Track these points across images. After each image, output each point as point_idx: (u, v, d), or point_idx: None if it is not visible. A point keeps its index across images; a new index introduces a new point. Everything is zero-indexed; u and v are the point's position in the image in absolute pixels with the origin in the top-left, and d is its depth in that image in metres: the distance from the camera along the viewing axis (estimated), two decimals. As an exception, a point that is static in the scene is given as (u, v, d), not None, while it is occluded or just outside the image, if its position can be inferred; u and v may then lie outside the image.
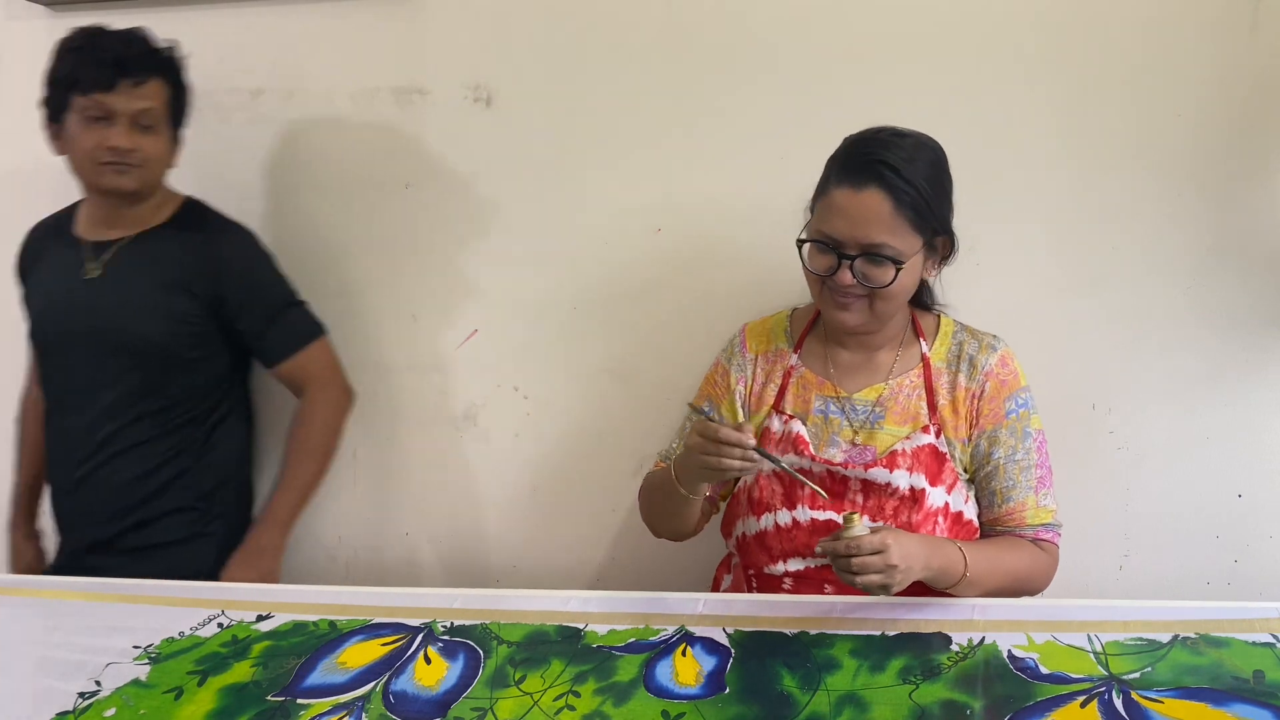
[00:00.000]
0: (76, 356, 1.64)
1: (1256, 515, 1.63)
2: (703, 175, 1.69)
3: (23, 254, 1.76)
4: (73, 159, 1.60)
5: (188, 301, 1.62)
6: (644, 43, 1.67)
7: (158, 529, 1.66)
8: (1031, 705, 1.08)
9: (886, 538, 1.16)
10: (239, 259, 1.68)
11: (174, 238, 1.65)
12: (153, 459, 1.65)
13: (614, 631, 1.27)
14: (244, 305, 1.66)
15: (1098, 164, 1.58)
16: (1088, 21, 1.54)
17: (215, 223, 1.70)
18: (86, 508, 1.66)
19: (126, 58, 1.55)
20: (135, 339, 1.61)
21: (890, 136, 1.29)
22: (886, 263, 1.27)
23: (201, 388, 1.68)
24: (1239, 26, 1.50)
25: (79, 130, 1.57)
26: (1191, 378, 1.61)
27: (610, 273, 1.74)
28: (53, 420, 1.71)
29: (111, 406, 1.63)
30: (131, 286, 1.62)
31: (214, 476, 1.71)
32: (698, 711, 1.11)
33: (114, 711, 1.17)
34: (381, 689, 1.18)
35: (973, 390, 1.36)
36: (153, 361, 1.62)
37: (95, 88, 1.53)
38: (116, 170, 1.57)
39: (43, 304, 1.69)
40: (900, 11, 1.59)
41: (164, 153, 1.62)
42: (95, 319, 1.62)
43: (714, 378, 1.48)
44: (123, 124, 1.56)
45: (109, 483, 1.64)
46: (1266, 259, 1.56)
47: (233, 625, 1.33)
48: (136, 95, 1.55)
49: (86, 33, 1.58)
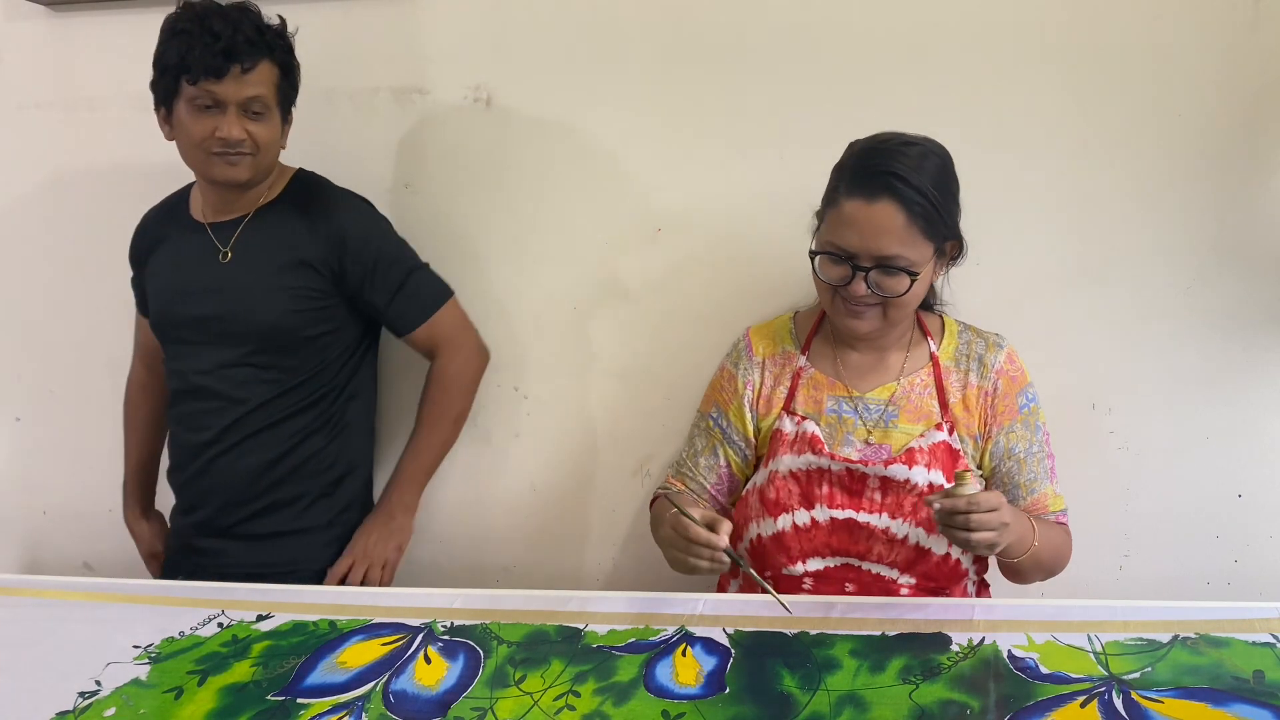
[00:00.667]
0: (206, 340, 1.61)
1: (1256, 515, 1.63)
2: (703, 175, 1.69)
3: (138, 242, 1.72)
4: (183, 147, 1.56)
5: (311, 277, 1.59)
6: (644, 43, 1.67)
7: (286, 515, 1.63)
8: (1031, 705, 1.08)
9: (998, 496, 1.20)
10: (358, 228, 1.63)
11: (290, 213, 1.61)
12: (283, 442, 1.62)
13: (614, 631, 1.27)
14: (368, 275, 1.61)
15: (1098, 164, 1.58)
16: (1088, 21, 1.54)
17: (331, 194, 1.66)
18: (212, 492, 1.63)
19: (235, 43, 1.48)
20: (261, 321, 1.58)
21: (899, 145, 1.29)
22: (900, 273, 1.27)
23: (331, 365, 1.64)
24: (1239, 26, 1.50)
25: (188, 118, 1.52)
26: (1191, 378, 1.61)
27: (610, 273, 1.74)
28: (180, 404, 1.66)
29: (240, 389, 1.60)
30: (256, 267, 1.59)
31: (345, 461, 1.69)
32: (698, 711, 1.11)
33: (114, 711, 1.17)
34: (381, 689, 1.18)
35: (985, 389, 1.38)
36: (280, 342, 1.59)
37: (204, 75, 1.48)
38: (228, 161, 1.53)
39: (173, 290, 1.64)
40: (901, 11, 1.59)
41: (275, 137, 1.57)
42: (225, 303, 1.59)
43: (720, 383, 1.48)
44: (233, 112, 1.51)
45: (235, 468, 1.61)
46: (1266, 259, 1.56)
47: (233, 625, 1.33)
48: (246, 82, 1.50)
49: (193, 13, 1.50)
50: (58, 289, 1.96)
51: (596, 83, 1.70)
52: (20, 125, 1.90)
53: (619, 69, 1.69)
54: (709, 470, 1.46)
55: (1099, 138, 1.57)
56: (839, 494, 1.35)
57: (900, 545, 1.34)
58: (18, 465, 2.05)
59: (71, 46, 1.86)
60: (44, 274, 1.96)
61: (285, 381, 1.61)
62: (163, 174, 1.85)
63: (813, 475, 1.36)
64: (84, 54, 1.85)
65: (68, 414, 2.00)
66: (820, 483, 1.36)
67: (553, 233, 1.76)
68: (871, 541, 1.34)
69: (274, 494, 1.62)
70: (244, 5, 1.53)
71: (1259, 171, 1.54)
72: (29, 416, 2.03)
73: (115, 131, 1.86)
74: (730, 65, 1.65)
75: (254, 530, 1.62)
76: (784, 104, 1.64)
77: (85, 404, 1.98)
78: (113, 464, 1.96)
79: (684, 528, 1.19)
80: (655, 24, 1.66)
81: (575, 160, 1.72)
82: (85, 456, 2.00)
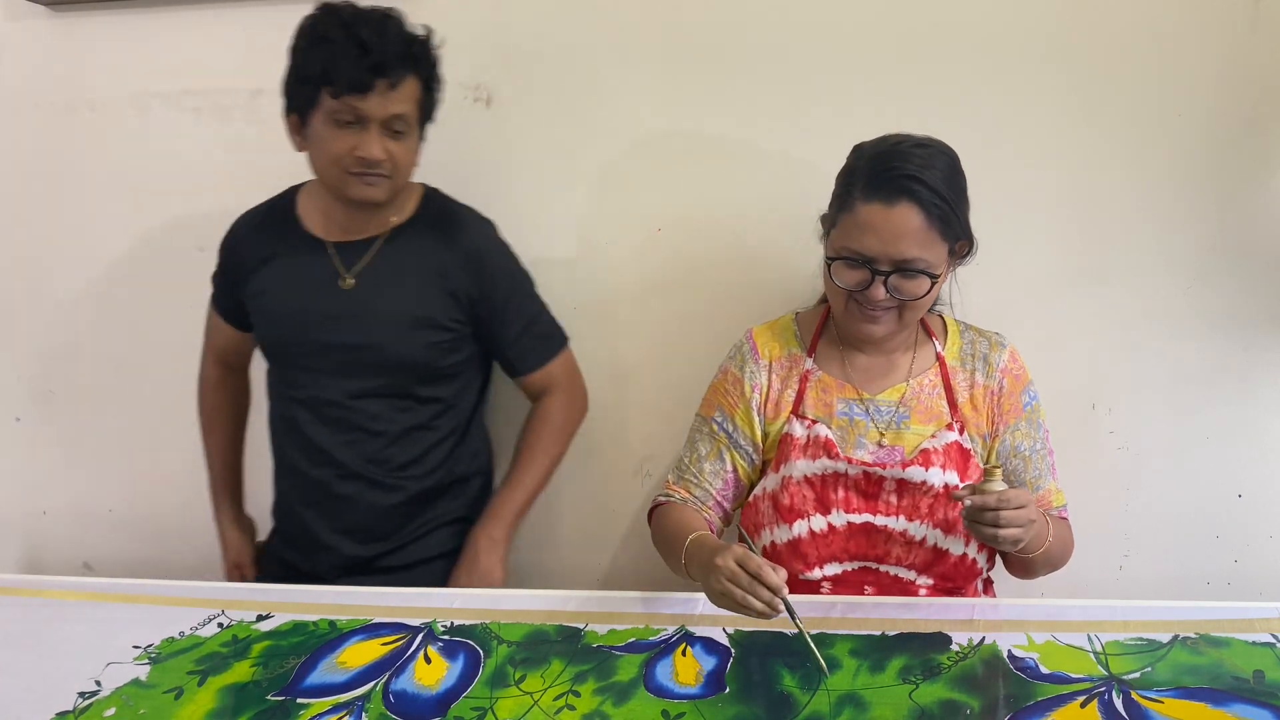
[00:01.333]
0: (332, 369, 1.52)
1: (1256, 515, 1.63)
2: (703, 175, 1.69)
3: (238, 251, 1.60)
4: (316, 161, 1.46)
5: (450, 306, 1.52)
6: (644, 43, 1.67)
7: (428, 544, 1.59)
8: (1031, 705, 1.08)
9: (1026, 494, 1.21)
10: (495, 253, 1.57)
11: (426, 237, 1.53)
12: (426, 476, 1.57)
13: (614, 631, 1.27)
14: (501, 308, 1.55)
15: (1098, 164, 1.58)
16: (1088, 21, 1.54)
17: (463, 215, 1.58)
18: (345, 528, 1.56)
19: (385, 57, 1.37)
20: (396, 354, 1.51)
21: (911, 148, 1.28)
22: (920, 276, 1.27)
23: (462, 394, 1.60)
24: (1239, 26, 1.50)
25: (326, 132, 1.41)
26: (1191, 378, 1.61)
27: (610, 273, 1.74)
28: (299, 431, 1.56)
29: (375, 421, 1.53)
30: (389, 299, 1.50)
31: (476, 486, 1.66)
32: (698, 711, 1.11)
33: (114, 711, 1.17)
34: (381, 689, 1.18)
35: (991, 388, 1.38)
36: (417, 374, 1.53)
37: (348, 90, 1.37)
38: (365, 181, 1.43)
39: (290, 314, 1.53)
40: (901, 11, 1.59)
41: (413, 158, 1.48)
42: (353, 334, 1.50)
43: (724, 386, 1.45)
44: (374, 130, 1.40)
45: (375, 506, 1.55)
46: (1267, 259, 1.56)
47: (233, 625, 1.33)
48: (391, 99, 1.40)
49: (338, 19, 1.39)
50: (58, 288, 1.96)
51: (596, 82, 1.70)
52: (20, 125, 1.90)
53: (619, 69, 1.69)
54: (714, 476, 1.42)
55: (1099, 138, 1.57)
56: (855, 498, 1.34)
57: (918, 547, 1.33)
58: (18, 465, 2.05)
59: (71, 46, 1.86)
60: (44, 273, 1.96)
61: (422, 411, 1.55)
62: (163, 174, 1.86)
63: (828, 479, 1.35)
64: (84, 54, 1.85)
65: (68, 414, 2.00)
66: (836, 487, 1.35)
67: (553, 232, 1.76)
68: (890, 544, 1.34)
69: (417, 525, 1.58)
70: (388, 13, 1.42)
71: (1259, 171, 1.54)
72: (29, 416, 2.03)
73: (115, 131, 1.86)
74: (731, 65, 1.65)
75: (394, 563, 1.57)
76: (785, 104, 1.64)
77: (85, 404, 1.98)
78: (113, 464, 1.97)
79: (757, 568, 1.12)
80: (656, 24, 1.66)
81: (575, 160, 1.72)
82: (85, 456, 2.00)
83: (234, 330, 1.68)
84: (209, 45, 1.80)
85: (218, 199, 1.83)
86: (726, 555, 1.15)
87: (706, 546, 1.22)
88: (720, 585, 1.14)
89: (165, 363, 1.92)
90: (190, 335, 1.90)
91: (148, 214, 1.88)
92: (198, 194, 1.85)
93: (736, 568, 1.13)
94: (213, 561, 1.97)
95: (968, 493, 1.20)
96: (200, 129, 1.82)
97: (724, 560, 1.14)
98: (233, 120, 1.82)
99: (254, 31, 1.79)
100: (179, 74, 1.82)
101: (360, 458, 1.54)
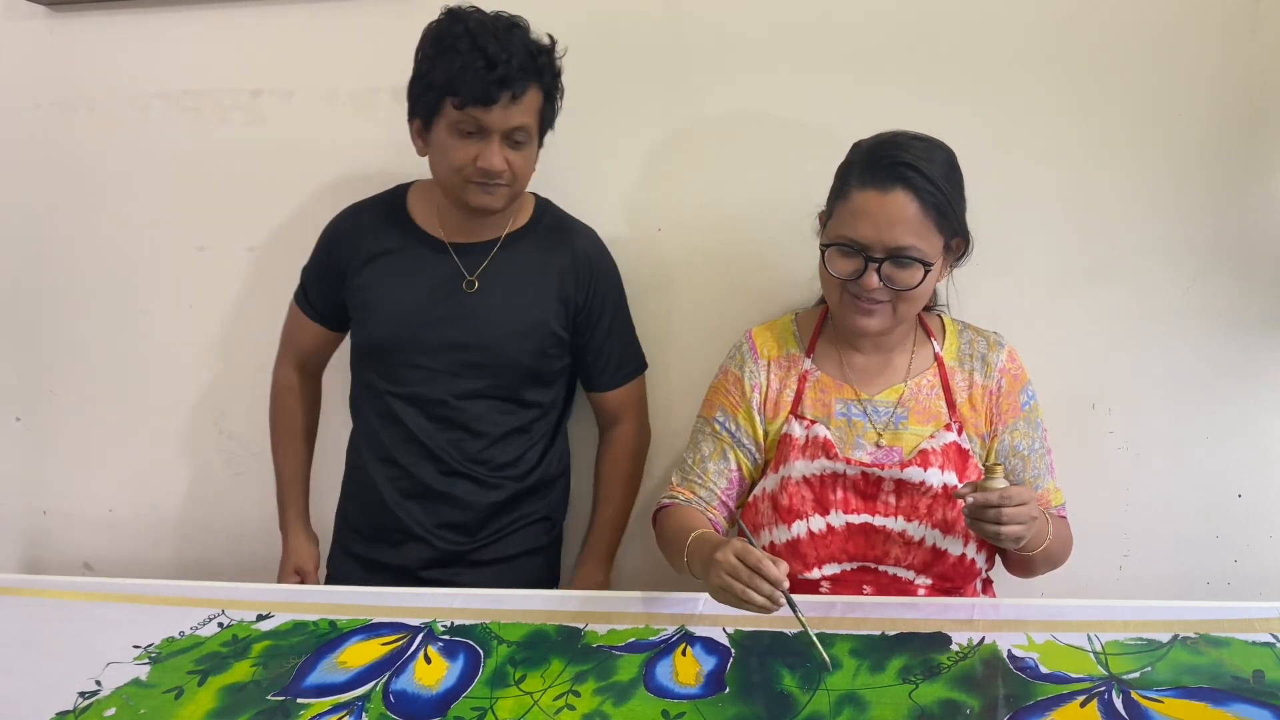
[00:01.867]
0: (440, 367, 1.54)
1: (1256, 515, 1.63)
2: (703, 175, 1.69)
3: (346, 240, 1.59)
4: (437, 168, 1.48)
5: (560, 312, 1.56)
6: (644, 42, 1.67)
7: (513, 541, 1.60)
8: (1031, 705, 1.08)
9: (1028, 491, 1.22)
10: (605, 263, 1.62)
11: (540, 244, 1.57)
12: (520, 479, 1.59)
13: (614, 631, 1.27)
14: (600, 316, 1.60)
15: (1098, 164, 1.58)
16: (1088, 21, 1.54)
17: (575, 225, 1.62)
18: (443, 522, 1.57)
19: (508, 71, 1.38)
20: (509, 357, 1.54)
21: (908, 140, 1.29)
22: (914, 264, 1.27)
23: (557, 399, 1.64)
24: (1239, 26, 1.50)
25: (448, 140, 1.43)
26: (1191, 378, 1.61)
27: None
28: (401, 424, 1.56)
29: (479, 421, 1.55)
30: (508, 303, 1.54)
31: (561, 487, 1.69)
32: (698, 711, 1.11)
33: (114, 711, 1.17)
34: (381, 688, 1.18)
35: (990, 388, 1.38)
36: (524, 377, 1.56)
37: (472, 101, 1.39)
38: (485, 190, 1.45)
39: (410, 310, 1.54)
40: (900, 11, 1.59)
41: (532, 166, 1.50)
42: (470, 335, 1.53)
43: (725, 386, 1.45)
44: (496, 141, 1.42)
45: (475, 503, 1.57)
46: (1267, 259, 1.56)
47: (233, 625, 1.33)
48: (513, 112, 1.41)
49: (464, 27, 1.40)
50: (58, 288, 1.96)
51: (596, 82, 1.70)
52: (20, 125, 1.90)
53: (618, 68, 1.69)
54: (719, 476, 1.41)
55: (1099, 138, 1.57)
56: (853, 498, 1.34)
57: (917, 547, 1.33)
58: (18, 465, 2.05)
59: (71, 46, 1.86)
60: (44, 273, 1.96)
61: (523, 415, 1.58)
62: (163, 174, 1.86)
63: (826, 480, 1.35)
64: (84, 54, 1.85)
65: (68, 414, 2.00)
66: (834, 487, 1.35)
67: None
68: (888, 545, 1.34)
69: (508, 522, 1.60)
70: (514, 21, 1.44)
71: (1259, 172, 1.54)
72: (29, 416, 2.03)
73: (115, 131, 1.86)
74: (730, 65, 1.65)
75: (483, 558, 1.59)
76: (784, 104, 1.64)
77: (85, 404, 1.98)
78: (113, 464, 1.97)
79: (755, 560, 1.12)
80: (654, 23, 1.66)
81: (575, 160, 1.72)
82: (85, 456, 2.00)
83: (322, 331, 1.67)
84: (209, 45, 1.80)
85: (218, 199, 1.84)
86: (726, 549, 1.15)
87: (708, 542, 1.22)
88: (720, 580, 1.13)
89: (165, 363, 1.93)
90: (190, 335, 1.91)
91: (148, 214, 1.88)
92: (198, 194, 1.85)
93: (736, 561, 1.13)
94: (213, 562, 1.98)
95: (970, 490, 1.21)
96: (200, 129, 1.82)
97: (723, 555, 1.14)
98: (233, 120, 1.82)
99: (254, 31, 1.79)
100: (179, 74, 1.82)
101: (463, 456, 1.56)
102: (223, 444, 1.94)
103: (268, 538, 1.76)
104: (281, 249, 1.81)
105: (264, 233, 1.84)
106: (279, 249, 1.82)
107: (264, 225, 1.84)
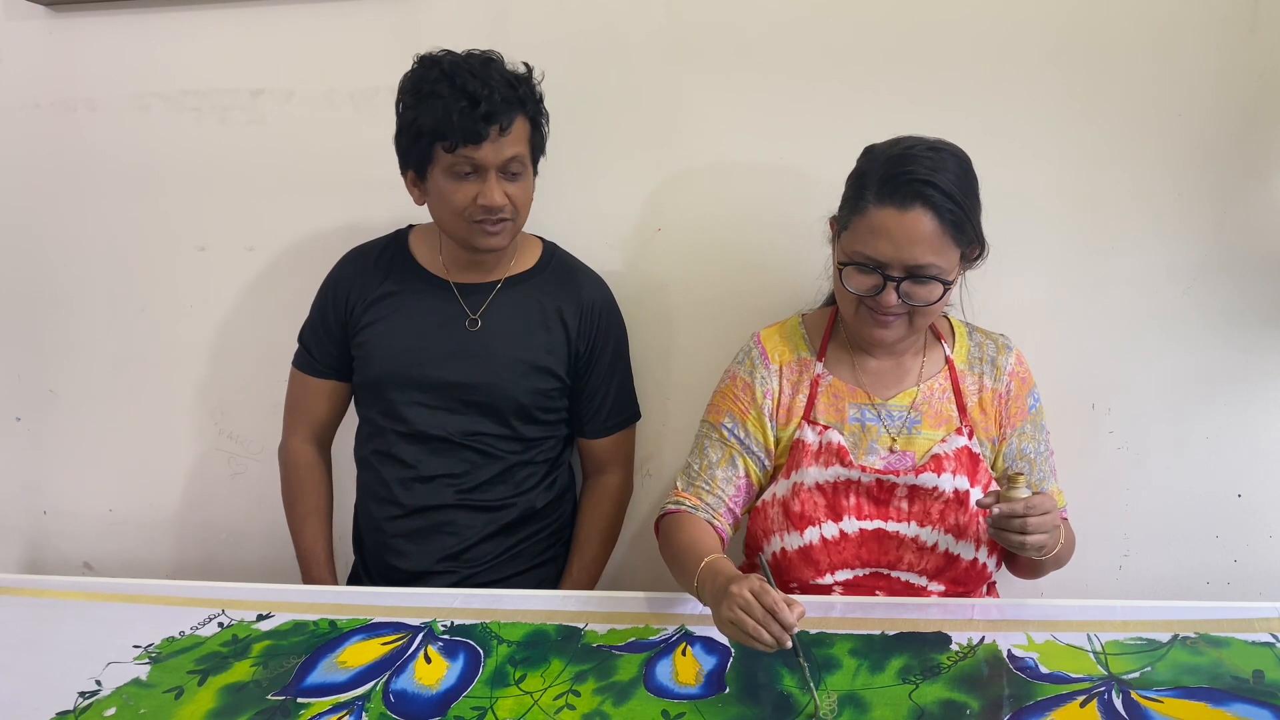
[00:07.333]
0: (440, 404, 1.55)
1: (1256, 515, 1.63)
2: (703, 175, 1.69)
3: (350, 282, 1.61)
4: (439, 214, 1.49)
5: (562, 354, 1.57)
6: (644, 43, 1.67)
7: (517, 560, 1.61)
8: (1031, 705, 1.08)
9: (1051, 499, 1.21)
10: (609, 311, 1.63)
11: (544, 286, 1.58)
12: (521, 508, 1.59)
13: (614, 631, 1.27)
14: (599, 363, 1.61)
15: (1098, 164, 1.58)
16: (1088, 22, 1.54)
17: (581, 270, 1.64)
18: (444, 554, 1.58)
19: (492, 105, 1.39)
20: (507, 396, 1.54)
21: (924, 151, 1.26)
22: (933, 281, 1.26)
23: (563, 433, 1.65)
24: (1239, 26, 1.50)
25: (446, 185, 1.44)
26: (1191, 378, 1.61)
27: (610, 273, 1.74)
28: (397, 459, 1.57)
29: (477, 456, 1.56)
30: (510, 342, 1.55)
31: (569, 505, 1.70)
32: (698, 711, 1.11)
33: (114, 711, 1.17)
34: (382, 688, 1.18)
35: (999, 391, 1.38)
36: (525, 415, 1.57)
37: (462, 142, 1.40)
38: (488, 230, 1.46)
39: (413, 349, 1.55)
40: (901, 12, 1.59)
41: (530, 195, 1.51)
42: (472, 373, 1.54)
43: (734, 392, 1.41)
44: (493, 177, 1.43)
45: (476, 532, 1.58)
46: (1266, 259, 1.56)
47: (233, 625, 1.33)
48: (504, 144, 1.42)
49: (440, 72, 1.41)
50: (58, 288, 1.96)
51: (596, 82, 1.70)
52: (20, 125, 1.90)
53: (618, 68, 1.69)
54: (727, 482, 1.38)
55: (1099, 138, 1.57)
56: (866, 504, 1.34)
57: (930, 553, 1.33)
58: (18, 465, 2.05)
59: (71, 46, 1.85)
60: (44, 273, 1.96)
61: (523, 448, 1.59)
62: (163, 174, 1.86)
63: (839, 487, 1.34)
64: (84, 54, 1.85)
65: (68, 414, 2.00)
66: (847, 494, 1.34)
67: (552, 233, 1.76)
68: (901, 550, 1.33)
69: (513, 543, 1.60)
70: (488, 56, 1.46)
71: (1258, 172, 1.54)
72: (29, 416, 2.03)
73: (115, 131, 1.86)
74: (730, 65, 1.65)
75: (488, 579, 1.59)
76: (785, 105, 1.64)
77: (85, 404, 1.98)
78: (113, 464, 1.97)
79: (772, 604, 1.08)
80: (656, 23, 1.66)
81: (575, 160, 1.72)
82: (85, 456, 2.00)
83: (333, 388, 1.65)
84: (209, 45, 1.80)
85: (218, 199, 1.84)
86: (743, 585, 1.10)
87: (722, 573, 1.18)
88: (733, 614, 1.10)
89: (165, 363, 1.92)
90: (191, 335, 1.91)
91: (148, 214, 1.88)
92: (198, 194, 1.85)
93: (751, 599, 1.09)
94: (213, 562, 1.98)
95: (993, 501, 1.20)
96: (200, 129, 1.82)
97: (739, 589, 1.10)
98: (233, 120, 1.82)
99: (254, 31, 1.79)
100: (179, 74, 1.82)
101: (461, 489, 1.57)
102: (223, 444, 1.94)
103: (268, 538, 1.76)
104: (281, 249, 1.81)
105: (264, 233, 1.84)
106: (279, 249, 1.82)
107: (264, 225, 1.84)
